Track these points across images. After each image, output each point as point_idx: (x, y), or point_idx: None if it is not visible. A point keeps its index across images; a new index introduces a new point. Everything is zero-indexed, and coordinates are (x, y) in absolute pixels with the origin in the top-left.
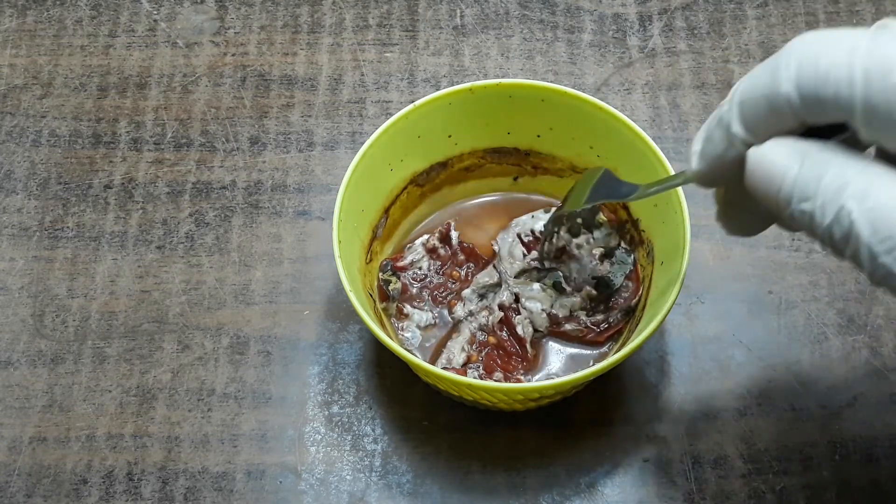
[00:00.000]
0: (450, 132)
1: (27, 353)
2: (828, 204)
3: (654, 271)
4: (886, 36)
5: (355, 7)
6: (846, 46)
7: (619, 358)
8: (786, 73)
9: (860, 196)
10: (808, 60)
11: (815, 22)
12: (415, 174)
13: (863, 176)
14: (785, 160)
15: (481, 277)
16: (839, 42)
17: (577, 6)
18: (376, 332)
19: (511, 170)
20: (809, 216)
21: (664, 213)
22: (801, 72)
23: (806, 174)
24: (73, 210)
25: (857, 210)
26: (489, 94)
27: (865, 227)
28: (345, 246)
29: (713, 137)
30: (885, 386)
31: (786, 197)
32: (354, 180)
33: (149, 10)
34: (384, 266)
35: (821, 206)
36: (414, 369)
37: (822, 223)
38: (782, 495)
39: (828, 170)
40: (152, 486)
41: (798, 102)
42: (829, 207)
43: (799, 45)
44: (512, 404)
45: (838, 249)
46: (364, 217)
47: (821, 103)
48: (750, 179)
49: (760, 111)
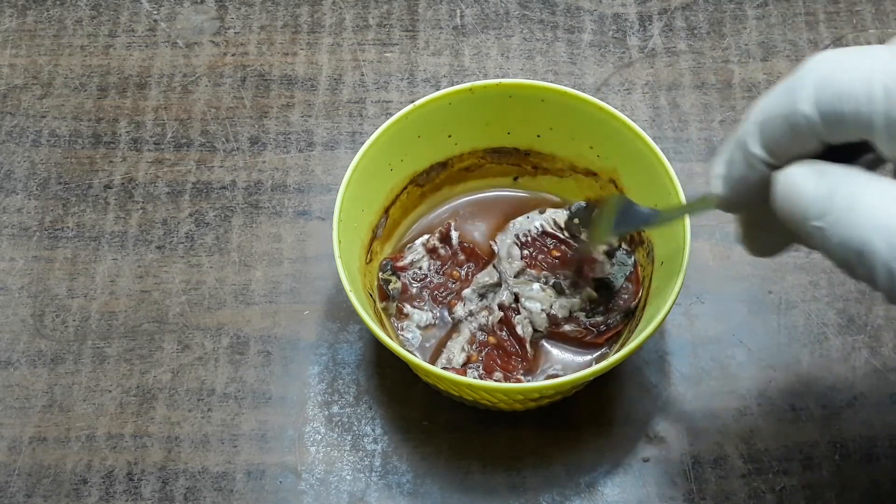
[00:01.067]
0: (450, 132)
1: (27, 353)
2: (840, 220)
3: (654, 271)
4: None
5: (355, 7)
6: (865, 63)
7: (620, 358)
8: (804, 93)
9: (875, 213)
10: (826, 79)
11: (815, 22)
12: (415, 174)
13: (878, 193)
14: (802, 179)
15: (481, 277)
16: (857, 59)
17: (577, 6)
18: (376, 332)
19: (511, 170)
20: (821, 233)
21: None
22: (820, 90)
23: (821, 191)
24: (73, 210)
25: (873, 227)
26: (489, 94)
27: (882, 245)
28: (345, 246)
29: (734, 160)
30: (885, 386)
31: (802, 215)
32: (354, 180)
33: (149, 10)
34: (384, 266)
35: (833, 223)
36: (414, 369)
37: (833, 240)
38: (782, 495)
39: (841, 187)
40: (152, 486)
41: (818, 121)
42: (840, 224)
43: (817, 64)
44: (512, 404)
45: (852, 268)
46: (364, 217)
47: (841, 121)
48: (777, 203)
49: (780, 132)
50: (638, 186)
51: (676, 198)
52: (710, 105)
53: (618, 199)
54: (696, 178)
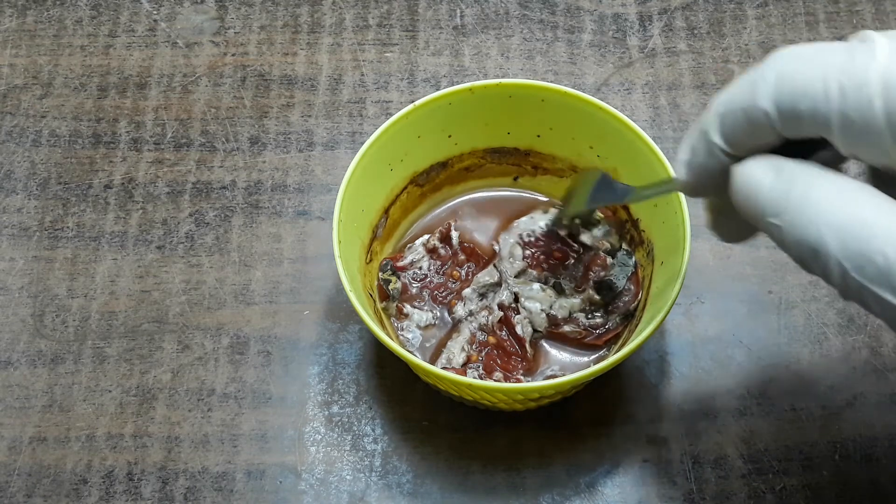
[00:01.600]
0: (450, 132)
1: (27, 353)
2: (795, 219)
3: (654, 271)
4: (862, 49)
5: (355, 7)
6: (822, 61)
7: (620, 358)
8: (764, 89)
9: (829, 211)
10: (785, 76)
11: (815, 22)
12: (415, 174)
13: (834, 191)
14: (760, 175)
15: (482, 277)
16: (816, 57)
17: (577, 6)
18: (376, 332)
19: (511, 170)
20: (778, 230)
21: (664, 214)
22: (779, 87)
23: (777, 188)
24: (73, 210)
25: (826, 225)
26: (489, 94)
27: (834, 243)
28: (345, 246)
29: (696, 148)
30: (885, 386)
31: (760, 211)
32: (354, 180)
33: (149, 10)
34: (384, 266)
35: (788, 222)
36: (414, 369)
37: (788, 238)
38: (782, 495)
39: (797, 185)
40: (152, 486)
41: (776, 117)
42: (795, 222)
43: (777, 60)
44: (512, 404)
45: (808, 264)
46: (364, 217)
47: (798, 119)
48: (735, 197)
49: (739, 124)
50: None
51: (676, 197)
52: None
53: (595, 172)
54: None
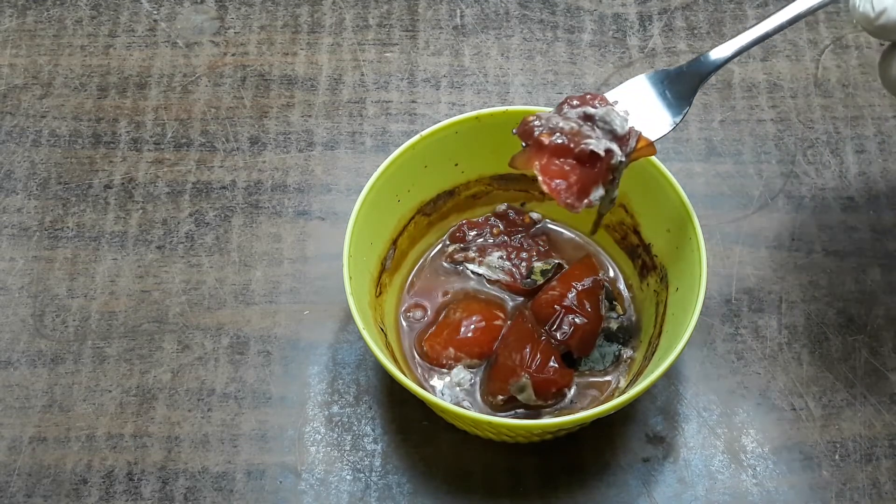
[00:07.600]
0: (456, 160)
1: (27, 353)
2: None
3: (669, 297)
4: None
5: (355, 7)
6: None
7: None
8: None
9: None
10: None
11: (815, 22)
12: (422, 204)
13: None
14: None
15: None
16: None
17: (577, 6)
18: (389, 368)
19: (519, 196)
20: None
21: (678, 239)
22: None
23: None
24: (73, 210)
25: None
26: (495, 122)
27: None
28: (356, 282)
29: None
30: (885, 386)
31: None
32: (363, 214)
33: (149, 10)
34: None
35: None
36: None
37: None
38: (782, 495)
39: None
40: (152, 486)
41: None
42: None
43: None
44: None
45: None
46: (372, 250)
47: None
48: None
49: None
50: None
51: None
52: (710, 105)
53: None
54: (697, 177)
